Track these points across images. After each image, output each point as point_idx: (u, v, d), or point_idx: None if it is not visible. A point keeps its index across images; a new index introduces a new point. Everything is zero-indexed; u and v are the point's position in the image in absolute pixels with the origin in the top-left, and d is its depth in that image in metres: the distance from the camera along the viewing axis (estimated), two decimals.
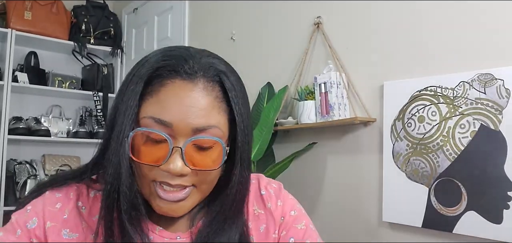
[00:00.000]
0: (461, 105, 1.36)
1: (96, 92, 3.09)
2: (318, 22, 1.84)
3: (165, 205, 0.59)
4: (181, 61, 0.58)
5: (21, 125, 2.76)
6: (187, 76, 0.57)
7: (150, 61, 0.59)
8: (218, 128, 0.58)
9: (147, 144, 0.57)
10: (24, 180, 2.74)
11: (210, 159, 0.58)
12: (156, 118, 0.56)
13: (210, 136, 0.57)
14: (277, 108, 1.86)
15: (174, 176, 0.57)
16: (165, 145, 0.56)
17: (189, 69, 0.57)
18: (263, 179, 0.73)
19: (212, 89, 0.58)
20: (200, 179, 0.59)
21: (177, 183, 0.57)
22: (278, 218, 0.69)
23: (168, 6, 2.82)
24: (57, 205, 0.63)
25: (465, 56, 1.40)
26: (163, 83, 0.57)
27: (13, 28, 2.79)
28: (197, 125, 0.56)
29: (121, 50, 3.28)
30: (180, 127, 0.56)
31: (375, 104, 1.64)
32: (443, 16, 1.46)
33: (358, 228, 1.68)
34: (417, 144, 1.47)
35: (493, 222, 1.28)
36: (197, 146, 0.57)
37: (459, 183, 1.36)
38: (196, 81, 0.57)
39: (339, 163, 1.77)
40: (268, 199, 0.70)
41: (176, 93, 0.56)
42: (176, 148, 0.56)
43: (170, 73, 0.57)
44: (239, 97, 0.60)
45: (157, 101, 0.57)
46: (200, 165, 0.58)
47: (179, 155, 0.56)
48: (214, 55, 0.63)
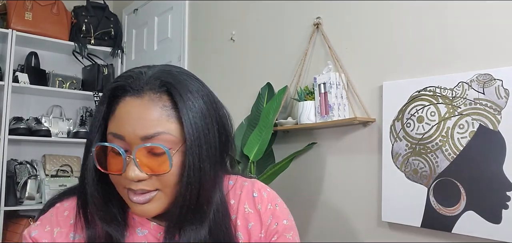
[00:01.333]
0: (460, 106, 1.37)
1: (97, 93, 3.10)
2: (317, 22, 1.85)
3: (136, 208, 0.66)
4: (129, 80, 0.65)
5: (21, 125, 2.77)
6: (135, 92, 0.64)
7: (110, 83, 0.67)
8: (168, 134, 0.63)
9: (111, 156, 0.65)
10: (24, 180, 2.74)
11: (161, 162, 0.63)
12: (113, 133, 0.64)
13: (156, 143, 0.63)
14: (276, 109, 1.86)
15: (135, 182, 0.63)
16: (120, 153, 0.63)
17: (136, 86, 0.65)
18: (257, 184, 0.78)
19: (159, 100, 0.64)
20: (162, 182, 0.65)
21: (139, 187, 0.64)
22: (266, 220, 0.73)
23: (168, 6, 2.83)
24: (65, 213, 0.72)
25: (464, 56, 1.40)
26: (118, 101, 0.65)
27: (14, 28, 2.80)
28: (144, 134, 0.62)
29: (122, 50, 3.29)
30: (131, 138, 0.63)
31: (374, 104, 1.64)
32: (442, 17, 1.46)
33: (357, 228, 1.69)
34: (416, 144, 1.47)
35: (492, 222, 1.29)
36: (151, 152, 0.63)
37: (458, 183, 1.37)
38: (143, 95, 0.64)
39: (338, 163, 1.78)
40: (259, 201, 0.75)
41: (127, 109, 0.64)
42: (130, 157, 0.63)
43: (122, 92, 0.65)
44: (188, 106, 0.64)
45: (114, 118, 0.65)
46: (154, 170, 0.64)
47: (133, 164, 0.62)
48: (171, 68, 0.69)
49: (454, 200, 1.37)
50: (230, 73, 2.31)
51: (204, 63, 2.53)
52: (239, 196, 0.75)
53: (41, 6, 2.95)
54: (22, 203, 2.72)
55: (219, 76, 2.37)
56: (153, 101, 0.64)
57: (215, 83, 2.07)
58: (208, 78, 0.78)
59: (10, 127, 2.73)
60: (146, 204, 0.65)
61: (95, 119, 0.67)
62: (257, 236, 0.72)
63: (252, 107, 2.06)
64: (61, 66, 3.15)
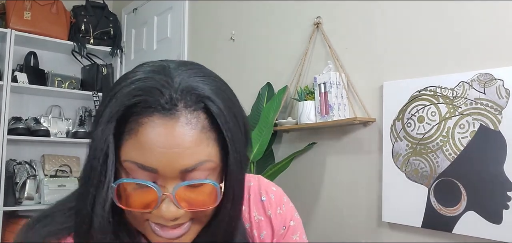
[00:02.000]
0: (460, 106, 1.37)
1: (96, 93, 3.09)
2: (317, 22, 1.84)
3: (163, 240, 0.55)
4: (156, 94, 0.50)
5: (20, 125, 2.76)
6: (166, 111, 0.50)
7: (121, 96, 0.51)
8: (209, 161, 0.52)
9: (135, 189, 0.52)
10: (23, 180, 2.74)
11: (204, 195, 0.53)
12: (139, 164, 0.50)
13: (200, 177, 0.52)
14: (276, 109, 1.86)
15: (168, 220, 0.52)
16: (154, 192, 0.51)
17: (167, 103, 0.50)
18: (263, 182, 0.71)
19: (197, 121, 0.51)
20: (198, 214, 0.55)
21: (174, 223, 0.53)
22: (277, 227, 0.68)
23: (168, 6, 2.82)
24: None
25: (464, 56, 1.40)
26: (140, 122, 0.50)
27: (13, 28, 2.79)
28: (185, 166, 0.51)
29: (121, 50, 3.28)
30: (167, 171, 0.50)
31: (375, 104, 1.64)
32: (442, 16, 1.46)
33: (357, 228, 1.68)
34: (416, 144, 1.47)
35: (493, 222, 1.28)
36: (189, 185, 0.52)
37: (458, 183, 1.36)
38: (178, 115, 0.50)
39: (338, 163, 1.77)
40: (268, 206, 0.68)
41: (157, 134, 0.50)
42: (166, 195, 0.51)
43: (146, 110, 0.50)
44: (230, 121, 0.53)
45: (136, 143, 0.50)
46: (195, 204, 0.53)
47: (170, 200, 0.51)
48: (196, 69, 0.56)
49: (454, 200, 1.37)
50: (230, 73, 2.31)
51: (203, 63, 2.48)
52: (249, 201, 0.68)
53: (40, 5, 2.94)
54: (21, 203, 2.71)
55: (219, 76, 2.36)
56: (190, 124, 0.50)
57: None
58: None
59: (9, 127, 2.72)
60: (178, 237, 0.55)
61: (99, 145, 0.51)
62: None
63: (252, 107, 2.05)
64: (60, 66, 3.14)
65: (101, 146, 0.50)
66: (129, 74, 0.54)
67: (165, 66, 0.54)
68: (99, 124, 0.51)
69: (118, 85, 0.52)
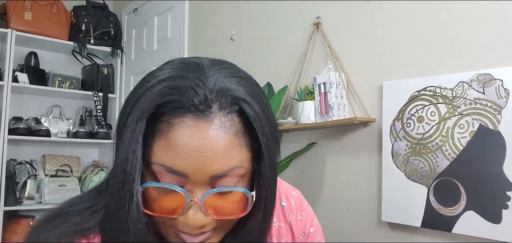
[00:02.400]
0: (460, 106, 1.37)
1: (96, 93, 3.10)
2: (317, 22, 1.85)
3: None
4: (190, 94, 0.47)
5: (21, 125, 2.76)
6: (200, 113, 0.47)
7: (152, 94, 0.48)
8: (240, 168, 0.49)
9: (161, 193, 0.50)
10: (24, 180, 2.74)
11: (232, 203, 0.51)
12: (167, 167, 0.48)
13: (230, 184, 0.49)
14: (276, 109, 1.86)
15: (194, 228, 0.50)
16: (181, 196, 0.48)
17: (201, 103, 0.47)
18: (282, 186, 0.67)
19: (231, 125, 0.48)
20: (225, 222, 0.52)
21: (198, 232, 0.51)
22: (298, 233, 0.65)
23: (168, 6, 2.83)
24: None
25: (464, 56, 1.40)
26: (171, 122, 0.48)
27: (13, 28, 2.80)
28: (216, 172, 0.48)
29: (121, 50, 3.29)
30: (197, 176, 0.48)
31: (375, 104, 1.64)
32: (442, 16, 1.46)
33: (357, 228, 1.68)
34: (416, 144, 1.47)
35: (492, 222, 1.28)
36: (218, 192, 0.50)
37: (458, 183, 1.37)
38: (212, 117, 0.47)
39: (338, 163, 1.78)
40: (288, 212, 0.65)
41: (189, 136, 0.47)
42: (194, 201, 0.49)
43: (178, 110, 0.47)
44: (265, 125, 0.50)
45: (166, 144, 0.48)
46: (223, 213, 0.50)
47: (198, 206, 0.49)
48: (231, 69, 0.53)
49: (454, 200, 1.37)
50: None
51: None
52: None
53: (40, 6, 2.95)
54: (22, 203, 2.72)
55: None
56: (224, 127, 0.48)
57: None
58: None
59: (9, 127, 2.72)
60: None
61: (127, 146, 0.48)
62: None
63: None
64: (60, 66, 3.14)
65: (132, 146, 0.48)
66: (158, 72, 0.51)
67: (198, 64, 0.51)
68: (127, 124, 0.48)
69: (147, 83, 0.50)
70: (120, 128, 0.50)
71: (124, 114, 0.50)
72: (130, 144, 0.48)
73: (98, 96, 3.09)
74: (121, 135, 0.49)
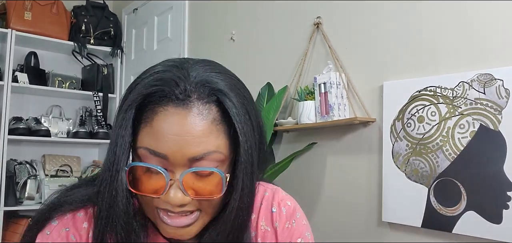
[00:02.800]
0: (460, 106, 1.37)
1: (96, 93, 3.10)
2: (318, 22, 1.84)
3: (171, 230, 0.57)
4: (171, 85, 0.54)
5: (21, 125, 2.76)
6: (180, 101, 0.54)
7: (140, 86, 0.56)
8: (217, 152, 0.55)
9: (146, 174, 0.56)
10: (24, 180, 2.74)
11: (211, 185, 0.56)
12: (151, 149, 0.54)
13: (207, 166, 0.55)
14: (276, 109, 1.86)
15: (175, 206, 0.55)
16: (163, 177, 0.54)
17: (181, 93, 0.54)
18: (278, 194, 0.70)
19: (209, 112, 0.54)
20: (205, 204, 0.57)
21: (180, 210, 0.56)
22: (282, 240, 0.66)
23: (168, 6, 2.83)
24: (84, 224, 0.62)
25: (464, 56, 1.40)
26: (155, 110, 0.54)
27: (13, 28, 2.79)
28: (193, 154, 0.53)
29: (121, 50, 3.28)
30: (176, 158, 0.53)
31: (375, 104, 1.64)
32: (442, 16, 1.46)
33: (358, 228, 1.68)
34: (416, 144, 1.47)
35: (493, 222, 1.28)
36: (196, 174, 0.55)
37: (458, 183, 1.37)
38: (190, 106, 0.54)
39: (338, 163, 1.77)
40: (277, 218, 0.67)
41: (169, 122, 0.53)
42: (174, 180, 0.54)
43: (162, 100, 0.54)
44: (242, 114, 0.56)
45: (151, 130, 0.54)
46: (201, 193, 0.55)
47: (177, 187, 0.54)
48: (213, 66, 0.59)
49: (454, 200, 1.37)
50: None
51: None
52: (259, 209, 0.68)
53: (40, 6, 2.95)
54: (22, 203, 2.71)
55: None
56: (202, 115, 0.54)
57: None
58: None
59: (9, 127, 2.72)
60: (185, 226, 0.57)
61: (119, 131, 0.55)
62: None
63: None
64: (60, 66, 3.14)
65: (121, 132, 0.55)
66: (151, 68, 0.58)
67: (184, 62, 0.58)
68: (120, 112, 0.56)
69: (138, 78, 0.58)
70: (117, 117, 0.57)
71: (120, 105, 0.58)
72: (119, 131, 0.55)
73: (98, 96, 3.09)
74: (116, 122, 0.57)
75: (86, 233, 0.61)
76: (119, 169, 0.55)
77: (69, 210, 0.62)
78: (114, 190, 0.55)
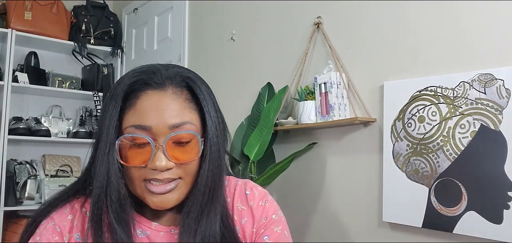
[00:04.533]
0: (461, 106, 1.36)
1: (96, 93, 3.09)
2: (318, 22, 1.84)
3: (157, 198, 0.67)
4: (150, 74, 0.68)
5: (21, 125, 2.76)
6: (157, 86, 0.67)
7: (124, 80, 0.69)
8: (191, 124, 0.67)
9: (133, 149, 0.66)
10: (24, 180, 2.74)
11: (189, 152, 0.67)
12: (136, 125, 0.65)
13: (185, 130, 0.66)
14: (277, 109, 1.86)
15: (161, 172, 0.65)
16: (148, 147, 0.65)
17: (159, 80, 0.68)
18: (250, 183, 0.81)
19: (181, 93, 0.68)
20: (185, 171, 0.68)
21: (165, 177, 0.66)
22: (258, 216, 0.75)
23: (168, 6, 2.82)
24: (68, 217, 0.72)
25: (465, 56, 1.40)
26: (138, 95, 0.67)
27: (13, 28, 2.79)
28: (172, 123, 0.65)
29: (121, 50, 3.28)
30: (159, 127, 0.65)
31: (375, 104, 1.64)
32: (443, 16, 1.46)
33: (358, 228, 1.68)
34: (417, 144, 1.47)
35: (493, 222, 1.28)
36: (176, 142, 0.66)
37: (459, 183, 1.36)
38: (166, 88, 0.67)
39: (339, 163, 1.77)
40: (251, 198, 0.77)
41: (150, 100, 0.66)
42: (158, 146, 0.65)
43: (143, 86, 0.67)
44: (207, 99, 0.70)
45: (135, 112, 0.66)
46: (181, 158, 0.67)
47: (161, 153, 0.65)
48: (180, 66, 0.73)
49: (455, 200, 1.37)
50: (230, 73, 2.31)
51: (204, 63, 2.52)
52: (233, 194, 0.78)
53: (40, 5, 2.94)
54: (22, 203, 2.71)
55: (219, 76, 2.36)
56: (176, 95, 0.67)
57: (215, 83, 2.06)
58: (208, 78, 0.78)
59: (9, 127, 2.72)
60: (167, 193, 0.67)
61: (106, 115, 0.66)
62: (250, 230, 0.74)
63: (253, 107, 2.05)
64: (60, 66, 3.14)
65: (111, 115, 0.66)
66: (132, 70, 0.72)
67: (163, 64, 0.72)
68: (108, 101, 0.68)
69: (123, 77, 0.70)
70: (103, 110, 0.69)
71: (105, 101, 0.70)
72: (110, 114, 0.66)
73: (98, 96, 3.09)
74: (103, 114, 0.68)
75: (70, 223, 0.71)
76: (110, 142, 0.65)
77: (54, 209, 0.72)
78: (109, 165, 0.65)
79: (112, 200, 0.66)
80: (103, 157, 0.66)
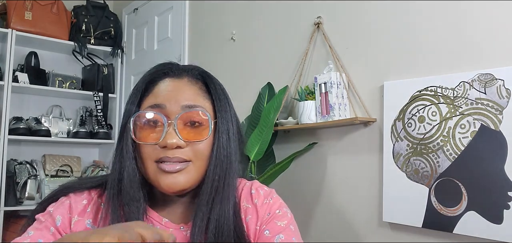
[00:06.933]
0: (461, 106, 1.36)
1: (96, 93, 3.10)
2: (318, 22, 1.84)
3: (168, 178, 0.68)
4: (169, 66, 0.76)
5: (21, 125, 2.76)
6: (175, 75, 0.74)
7: (145, 74, 0.75)
8: (203, 109, 0.71)
9: (146, 129, 0.70)
10: (24, 180, 2.74)
11: (200, 132, 0.70)
12: (152, 104, 0.70)
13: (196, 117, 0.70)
14: (277, 109, 1.85)
15: (171, 149, 0.68)
16: (161, 126, 0.69)
17: (176, 71, 0.75)
18: (256, 183, 0.83)
19: (196, 83, 0.74)
20: (195, 154, 0.70)
21: (176, 156, 0.68)
22: (262, 213, 0.76)
23: (168, 6, 2.82)
24: (83, 201, 0.75)
25: (465, 56, 1.40)
26: (156, 83, 0.73)
27: (14, 28, 2.79)
28: (185, 102, 0.70)
29: (122, 50, 3.28)
30: (172, 105, 0.70)
31: (375, 104, 1.64)
32: (443, 16, 1.46)
33: (358, 228, 1.68)
34: (417, 144, 1.47)
35: (494, 222, 1.28)
36: (188, 122, 0.70)
37: (459, 183, 1.36)
38: (182, 77, 0.74)
39: (339, 163, 1.77)
40: (256, 196, 0.78)
41: (167, 85, 0.72)
42: (170, 123, 0.68)
43: (161, 76, 0.74)
44: (219, 92, 0.75)
45: (152, 96, 0.72)
46: (192, 138, 0.70)
47: (173, 131, 0.68)
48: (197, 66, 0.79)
49: (455, 200, 1.37)
50: (231, 73, 2.31)
51: (204, 63, 2.50)
52: (240, 194, 0.79)
53: (41, 5, 2.94)
54: (22, 203, 2.71)
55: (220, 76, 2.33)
56: (191, 83, 0.73)
57: None
58: None
59: (10, 127, 2.72)
60: (177, 174, 0.68)
61: (128, 102, 0.73)
62: (254, 227, 0.75)
63: (253, 107, 2.05)
64: (61, 66, 3.14)
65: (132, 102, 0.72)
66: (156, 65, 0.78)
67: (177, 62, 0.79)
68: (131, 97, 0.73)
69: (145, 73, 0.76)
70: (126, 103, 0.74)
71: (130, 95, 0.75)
72: (131, 101, 0.73)
73: (98, 96, 3.09)
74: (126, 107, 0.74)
75: (83, 207, 0.73)
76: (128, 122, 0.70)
77: (74, 191, 0.75)
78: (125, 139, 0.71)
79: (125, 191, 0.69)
80: (120, 141, 0.71)
